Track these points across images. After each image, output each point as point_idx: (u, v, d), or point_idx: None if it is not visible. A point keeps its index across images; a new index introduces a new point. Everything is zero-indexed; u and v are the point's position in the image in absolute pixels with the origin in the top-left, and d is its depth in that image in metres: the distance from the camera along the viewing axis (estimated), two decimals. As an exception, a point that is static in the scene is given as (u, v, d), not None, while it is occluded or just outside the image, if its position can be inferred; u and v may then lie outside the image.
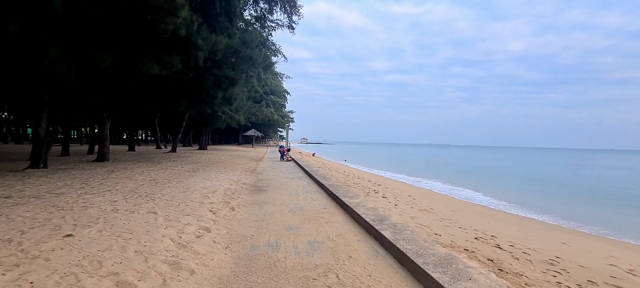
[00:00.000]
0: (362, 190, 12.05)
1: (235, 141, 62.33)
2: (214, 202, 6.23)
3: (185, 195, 6.53)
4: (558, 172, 32.06)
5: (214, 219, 4.98)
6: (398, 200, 10.56)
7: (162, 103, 14.95)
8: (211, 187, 8.01)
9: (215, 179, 9.55)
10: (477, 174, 27.46)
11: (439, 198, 13.88)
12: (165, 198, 6.00)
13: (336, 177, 15.04)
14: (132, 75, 10.21)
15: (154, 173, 9.91)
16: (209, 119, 29.25)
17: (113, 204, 5.15)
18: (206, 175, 10.30)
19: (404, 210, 8.52)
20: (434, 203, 11.73)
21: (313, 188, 9.27)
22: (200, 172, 11.08)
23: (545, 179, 24.21)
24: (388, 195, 11.53)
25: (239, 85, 14.68)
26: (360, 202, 6.41)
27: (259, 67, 14.46)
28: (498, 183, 21.17)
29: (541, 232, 9.36)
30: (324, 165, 23.14)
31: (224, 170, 12.40)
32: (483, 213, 11.41)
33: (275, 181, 10.44)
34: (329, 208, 6.49)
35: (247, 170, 13.44)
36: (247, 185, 9.28)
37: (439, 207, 10.86)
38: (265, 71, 18.10)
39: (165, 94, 13.73)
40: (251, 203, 6.72)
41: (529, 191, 17.93)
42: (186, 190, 7.19)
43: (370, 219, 4.86)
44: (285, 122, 51.09)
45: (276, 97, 51.93)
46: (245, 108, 33.58)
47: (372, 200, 9.78)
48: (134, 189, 6.71)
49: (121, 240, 3.49)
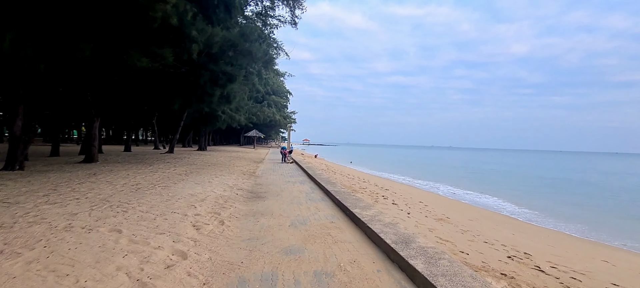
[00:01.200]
0: (370, 195, 11.03)
1: (237, 142, 61.43)
2: (200, 214, 5.23)
3: (167, 205, 5.53)
4: (574, 176, 30.82)
5: (195, 238, 3.98)
6: (410, 208, 9.53)
7: (154, 101, 14.00)
8: (201, 193, 7.01)
9: (208, 184, 8.56)
10: (487, 177, 26.30)
11: (452, 205, 12.80)
12: (141, 210, 5.00)
13: (341, 181, 14.02)
14: (118, 68, 9.28)
15: (140, 176, 8.94)
16: (208, 119, 28.31)
17: (70, 219, 4.15)
18: (199, 179, 9.31)
19: (419, 221, 7.51)
20: (447, 210, 10.70)
21: (317, 195, 8.25)
22: (192, 176, 10.09)
23: (556, 182, 23.05)
24: (398, 202, 10.50)
25: (238, 82, 13.70)
26: (373, 214, 5.39)
27: (259, 62, 13.49)
28: (510, 187, 20.03)
29: (574, 247, 8.32)
30: (327, 167, 22.13)
31: (219, 173, 11.41)
32: (502, 223, 10.36)
33: (275, 186, 9.44)
34: (337, 221, 5.47)
35: (245, 174, 12.45)
36: (243, 191, 8.28)
37: (454, 215, 9.84)
38: (266, 67, 17.13)
39: (158, 91, 12.76)
40: (245, 215, 5.72)
41: (543, 195, 16.81)
42: (170, 198, 6.19)
43: (392, 241, 3.84)
44: (287, 122, 50.14)
45: (278, 97, 50.96)
46: (246, 108, 32.62)
47: (382, 206, 8.76)
48: (107, 197, 5.72)
49: (51, 279, 2.49)
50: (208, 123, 29.96)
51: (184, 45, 10.32)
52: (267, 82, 44.78)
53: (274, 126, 57.59)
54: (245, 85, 24.19)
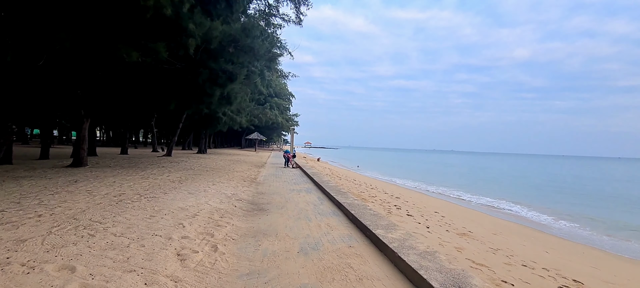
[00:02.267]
0: (381, 205, 10.02)
1: (238, 144, 60.49)
2: (188, 236, 4.24)
3: (148, 224, 4.55)
4: (584, 180, 29.61)
5: (177, 277, 3.00)
6: (427, 220, 8.53)
7: (149, 101, 13.07)
8: (193, 206, 6.02)
9: (203, 194, 7.58)
10: (498, 182, 25.15)
11: (468, 215, 11.74)
12: (114, 232, 4.02)
13: (349, 188, 13.02)
14: (105, 63, 8.37)
15: (127, 184, 7.97)
16: (208, 121, 27.40)
17: (13, 249, 3.15)
18: (193, 188, 8.33)
19: (441, 237, 6.53)
20: (466, 222, 9.67)
21: (327, 207, 7.24)
22: (187, 183, 9.12)
23: (572, 188, 21.87)
24: (413, 213, 9.49)
25: (239, 81, 12.76)
26: (401, 238, 4.38)
27: (262, 59, 12.55)
28: (525, 193, 18.91)
29: (622, 269, 7.30)
30: (331, 172, 21.12)
31: (218, 180, 10.44)
32: (529, 237, 9.31)
33: (278, 195, 8.45)
34: (355, 245, 4.48)
35: (246, 180, 11.46)
36: (243, 202, 7.29)
37: (475, 228, 8.81)
38: (269, 67, 16.18)
39: (153, 90, 11.82)
40: (244, 235, 4.74)
41: (564, 203, 15.69)
42: (156, 213, 5.21)
43: (440, 284, 2.84)
44: (289, 125, 49.22)
45: (280, 100, 50.06)
46: (247, 110, 31.68)
47: (397, 218, 7.77)
48: (77, 213, 4.74)
49: None
50: (208, 125, 29.04)
51: (180, 40, 9.39)
52: (269, 83, 43.90)
53: (276, 128, 56.69)
54: (247, 86, 23.28)
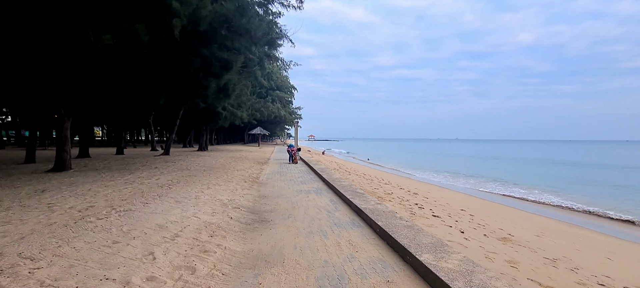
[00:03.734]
0: (401, 204, 8.69)
1: (241, 140, 59.30)
2: (157, 276, 2.95)
3: (104, 257, 3.27)
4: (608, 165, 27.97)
5: None
6: (457, 222, 7.20)
7: (134, 96, 11.75)
8: (176, 222, 4.74)
9: (193, 202, 6.30)
10: (510, 170, 23.64)
11: (499, 212, 10.35)
12: (42, 277, 2.74)
13: (361, 184, 11.71)
14: (73, 50, 7.08)
15: (103, 193, 6.71)
16: (208, 117, 26.13)
17: None
18: (183, 194, 7.06)
19: (484, 245, 5.24)
20: (501, 221, 8.31)
21: (343, 213, 5.92)
22: (177, 188, 7.85)
23: (601, 175, 20.29)
24: (439, 212, 8.16)
25: (235, 70, 11.39)
26: (462, 267, 3.06)
27: (260, 43, 11.15)
28: (555, 183, 17.40)
29: None
30: (338, 166, 19.81)
31: (214, 182, 9.17)
32: (578, 237, 7.91)
33: (284, 199, 7.15)
34: (395, 278, 3.16)
35: (247, 180, 10.18)
36: (241, 210, 5.99)
37: (513, 229, 7.46)
38: (269, 54, 14.76)
39: (137, 83, 10.50)
40: (239, 266, 3.45)
41: (597, 194, 14.18)
42: (122, 236, 3.93)
43: None
44: (293, 118, 47.89)
45: (282, 93, 48.56)
46: (249, 104, 30.30)
47: (423, 221, 6.44)
48: (6, 245, 3.48)
49: None
50: (208, 121, 27.77)
51: (163, 20, 8.04)
52: (270, 76, 42.40)
53: (279, 122, 55.34)
54: (246, 79, 21.91)
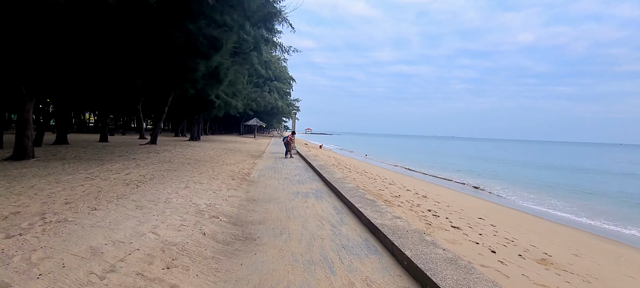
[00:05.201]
0: (412, 209, 7.41)
1: (237, 131, 57.72)
2: None
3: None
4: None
5: None
6: (481, 235, 6.00)
7: (104, 75, 10.21)
8: (121, 242, 3.40)
9: (160, 207, 4.95)
10: (520, 174, 22.37)
11: (522, 222, 9.05)
12: None
13: (363, 183, 10.42)
14: (23, 6, 5.64)
15: (47, 191, 5.34)
16: (200, 105, 24.60)
17: None
18: (151, 195, 5.70)
19: (527, 271, 4.04)
20: (531, 235, 7.04)
21: (353, 230, 4.59)
22: (147, 186, 6.48)
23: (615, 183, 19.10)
24: (456, 221, 6.92)
25: (226, 50, 9.95)
26: None
27: (254, 19, 9.70)
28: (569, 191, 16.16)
29: None
30: (338, 162, 18.49)
31: (196, 179, 7.81)
32: (624, 257, 6.70)
33: (277, 205, 5.81)
34: None
35: (235, 177, 8.83)
36: (220, 221, 4.65)
37: (548, 246, 6.22)
38: (267, 35, 13.26)
39: (107, 59, 9.00)
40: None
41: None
42: (26, 269, 2.60)
43: None
44: (290, 110, 46.41)
45: (281, 84, 46.90)
46: (244, 93, 28.74)
47: (443, 235, 5.20)
48: None
49: None
50: (201, 109, 26.24)
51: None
52: (268, 65, 40.72)
53: (276, 114, 53.78)
54: (241, 65, 20.38)
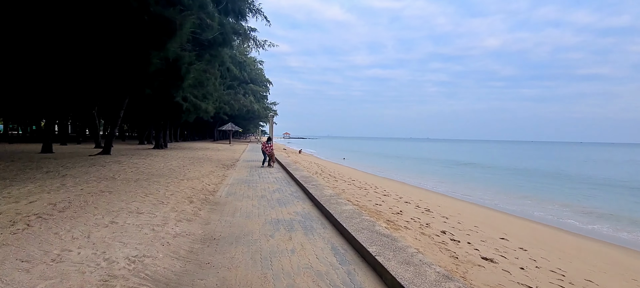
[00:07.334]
0: (423, 232, 5.66)
1: (211, 136, 54.25)
2: None
3: None
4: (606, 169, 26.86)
5: None
6: (524, 269, 4.30)
7: (30, 70, 7.77)
8: None
9: (36, 271, 2.86)
10: (512, 179, 21.52)
11: (546, 238, 7.58)
12: None
13: (356, 197, 8.58)
14: None
15: None
16: (166, 109, 21.92)
17: None
18: (39, 246, 3.55)
19: None
20: (571, 259, 5.55)
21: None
22: (52, 223, 4.29)
23: None
24: (484, 249, 5.22)
25: (182, 35, 7.85)
26: None
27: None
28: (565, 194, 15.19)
29: None
30: (321, 169, 16.61)
31: (135, 205, 5.63)
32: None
33: (245, 249, 3.81)
34: None
35: (194, 199, 6.71)
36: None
37: (597, 274, 4.73)
38: (237, 25, 11.22)
39: (35, 48, 6.63)
40: None
41: None
42: None
43: None
44: (267, 113, 44.09)
45: (257, 86, 44.47)
46: (216, 95, 26.21)
47: (478, 276, 3.47)
48: None
49: None
50: (168, 114, 23.51)
51: None
52: (243, 66, 38.25)
53: (253, 118, 51.21)
54: (210, 64, 18.10)
